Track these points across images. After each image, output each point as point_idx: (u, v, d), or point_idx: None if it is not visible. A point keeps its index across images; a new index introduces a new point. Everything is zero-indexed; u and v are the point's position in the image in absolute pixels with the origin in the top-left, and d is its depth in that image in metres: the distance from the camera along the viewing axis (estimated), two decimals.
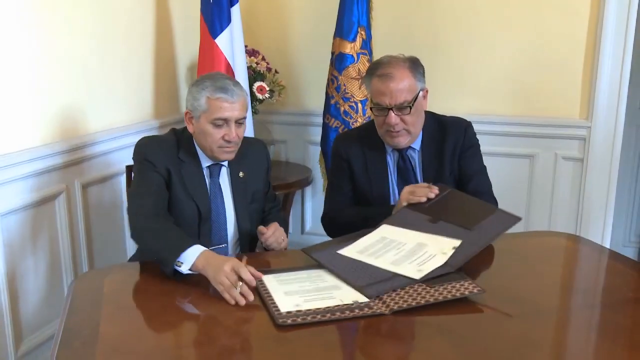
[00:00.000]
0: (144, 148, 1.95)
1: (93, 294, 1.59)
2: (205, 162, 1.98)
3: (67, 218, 2.43)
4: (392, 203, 2.11)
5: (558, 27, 3.15)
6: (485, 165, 2.19)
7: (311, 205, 3.83)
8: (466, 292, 1.50)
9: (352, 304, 1.46)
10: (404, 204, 1.91)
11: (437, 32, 3.35)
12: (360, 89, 3.17)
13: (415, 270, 1.61)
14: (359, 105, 3.19)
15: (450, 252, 1.65)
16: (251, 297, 1.48)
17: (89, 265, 2.57)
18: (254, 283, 1.51)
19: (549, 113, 3.25)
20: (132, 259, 2.05)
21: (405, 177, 2.12)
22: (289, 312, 1.42)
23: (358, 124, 3.18)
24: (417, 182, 2.12)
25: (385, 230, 1.85)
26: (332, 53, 3.22)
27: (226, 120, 1.87)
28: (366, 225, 1.95)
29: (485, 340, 1.34)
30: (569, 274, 1.81)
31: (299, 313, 1.42)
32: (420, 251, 1.69)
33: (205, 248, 1.63)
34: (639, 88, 3.59)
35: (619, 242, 3.78)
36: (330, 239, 2.01)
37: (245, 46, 3.20)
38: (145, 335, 1.41)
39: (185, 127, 1.97)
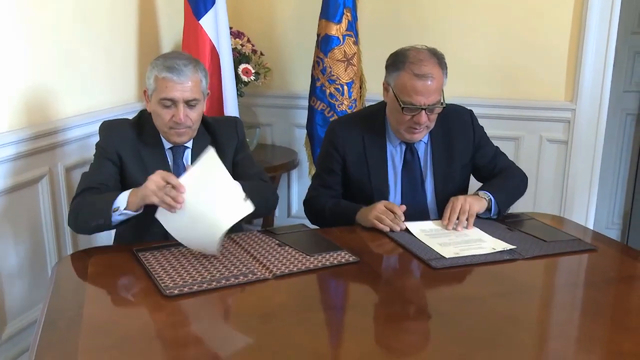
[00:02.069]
0: (100, 133, 1.95)
1: (77, 276, 1.60)
2: (168, 144, 1.94)
3: (51, 201, 2.41)
4: (390, 195, 2.07)
5: (543, 9, 3.15)
6: (495, 145, 2.21)
7: (297, 188, 3.82)
8: (342, 261, 1.61)
9: (237, 272, 1.53)
10: (372, 222, 1.87)
11: (423, 13, 3.34)
12: (346, 71, 3.16)
13: (452, 252, 1.69)
14: (345, 87, 3.18)
15: (500, 249, 1.72)
16: (180, 199, 1.57)
17: (72, 247, 2.55)
18: (183, 190, 1.58)
19: (534, 95, 3.26)
20: (116, 241, 2.04)
21: (412, 169, 2.07)
22: (175, 284, 1.47)
23: (344, 107, 3.17)
24: (422, 175, 2.07)
25: None
26: (318, 35, 3.19)
27: (173, 101, 1.82)
28: (337, 221, 1.98)
29: (467, 319, 1.35)
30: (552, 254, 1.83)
31: (185, 283, 1.46)
32: (475, 243, 1.77)
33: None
34: (623, 71, 3.61)
35: (602, 223, 3.82)
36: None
37: (230, 28, 3.17)
38: (129, 317, 1.40)
39: None
